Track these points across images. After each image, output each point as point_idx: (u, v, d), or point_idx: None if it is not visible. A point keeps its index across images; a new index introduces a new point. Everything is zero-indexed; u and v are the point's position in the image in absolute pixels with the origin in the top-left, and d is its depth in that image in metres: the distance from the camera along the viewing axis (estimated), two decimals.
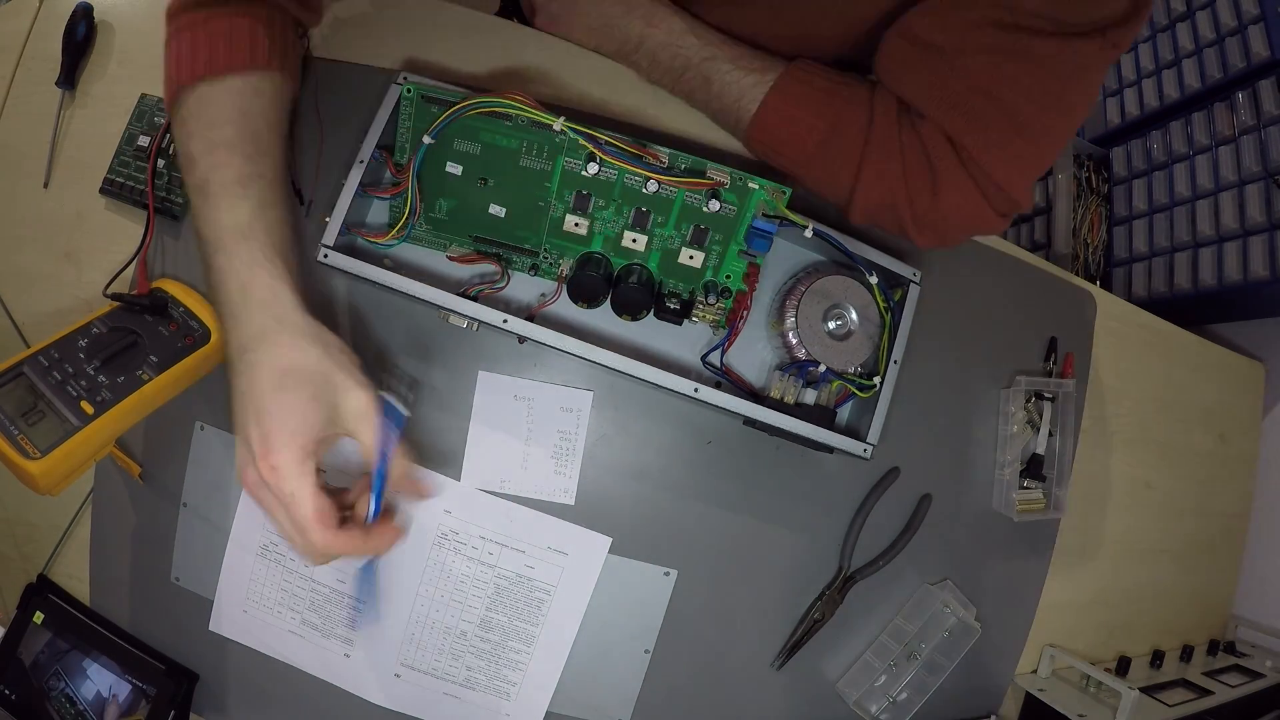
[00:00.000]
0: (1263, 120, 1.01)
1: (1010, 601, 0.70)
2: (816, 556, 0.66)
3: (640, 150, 0.52)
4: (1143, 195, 1.19)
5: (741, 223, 0.55)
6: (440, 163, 0.55)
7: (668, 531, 0.64)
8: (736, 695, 0.66)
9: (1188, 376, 0.78)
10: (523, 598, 0.63)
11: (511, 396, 0.63)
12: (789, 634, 0.66)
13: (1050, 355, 0.71)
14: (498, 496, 0.63)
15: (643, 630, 0.64)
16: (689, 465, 0.64)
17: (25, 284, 0.65)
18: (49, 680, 0.63)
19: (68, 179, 0.65)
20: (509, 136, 0.53)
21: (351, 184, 0.54)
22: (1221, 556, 0.80)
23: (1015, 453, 0.68)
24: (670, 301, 0.59)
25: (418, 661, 0.64)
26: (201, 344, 0.58)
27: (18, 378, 0.51)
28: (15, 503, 0.66)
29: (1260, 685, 0.71)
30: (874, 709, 0.65)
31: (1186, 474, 0.78)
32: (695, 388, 0.55)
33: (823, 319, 0.59)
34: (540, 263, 0.59)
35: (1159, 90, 1.20)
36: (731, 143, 0.66)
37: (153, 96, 0.63)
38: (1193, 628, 0.79)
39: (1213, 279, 1.02)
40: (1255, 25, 1.05)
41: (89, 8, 0.65)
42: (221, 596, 0.64)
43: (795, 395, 0.58)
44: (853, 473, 0.65)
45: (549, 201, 0.56)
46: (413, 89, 0.53)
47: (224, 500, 0.63)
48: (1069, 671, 0.72)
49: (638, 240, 0.56)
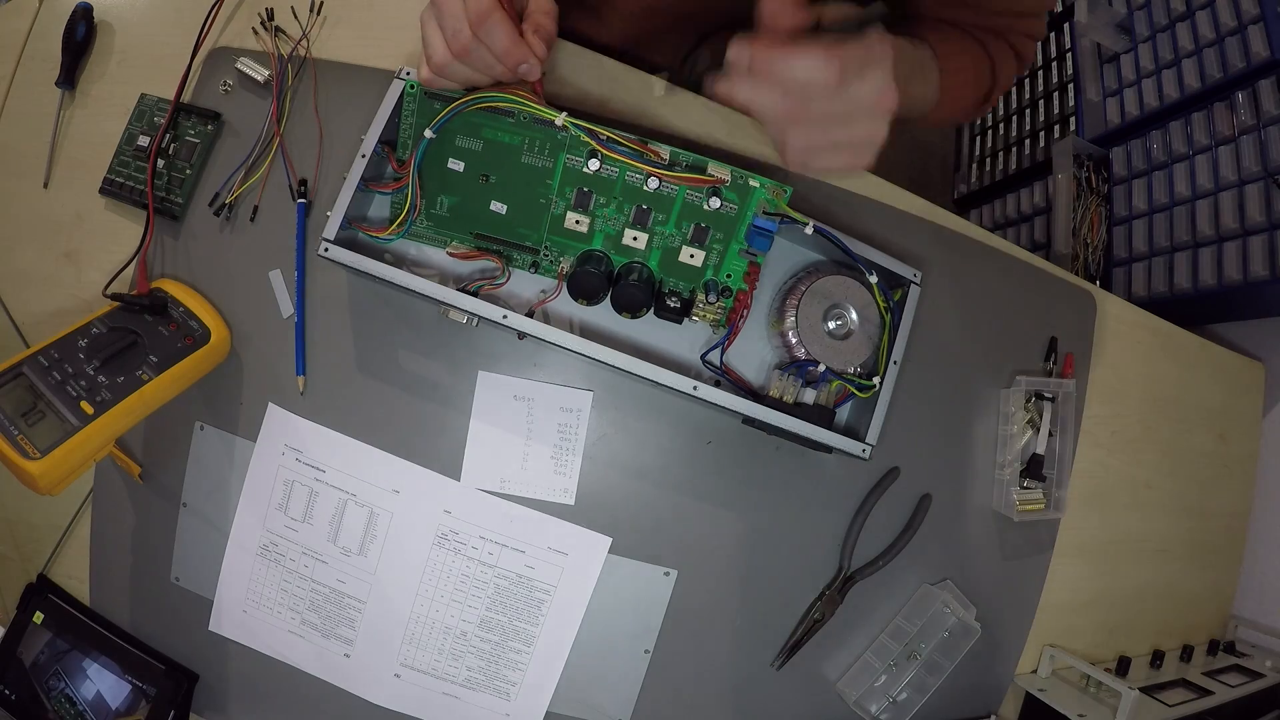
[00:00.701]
0: (1262, 120, 1.01)
1: (1010, 601, 0.70)
2: (816, 556, 0.66)
3: (641, 147, 0.53)
4: (1143, 195, 1.19)
5: (742, 221, 0.55)
6: (442, 159, 0.55)
7: (668, 531, 0.64)
8: (736, 695, 0.66)
9: (1188, 376, 0.78)
10: (523, 598, 0.63)
11: (511, 396, 0.63)
12: (789, 634, 0.66)
13: (1050, 355, 0.71)
14: (498, 496, 0.63)
15: (643, 630, 0.64)
16: (689, 465, 0.64)
17: (25, 284, 0.65)
18: (49, 680, 0.63)
19: (67, 179, 0.65)
20: (511, 133, 0.53)
21: (353, 178, 0.54)
22: (1221, 556, 0.80)
23: (1015, 453, 0.68)
24: (670, 300, 0.59)
25: (417, 661, 0.64)
26: (201, 344, 0.58)
27: (17, 378, 0.51)
28: (15, 503, 0.66)
29: (1260, 685, 0.71)
30: (874, 709, 0.65)
31: (1186, 474, 0.78)
32: (694, 385, 0.55)
33: (823, 319, 0.59)
34: (541, 260, 0.59)
35: (1159, 90, 1.20)
36: (732, 141, 0.66)
37: (152, 96, 0.63)
38: (1193, 628, 0.79)
39: (1213, 279, 1.02)
40: (1255, 25, 1.05)
41: (89, 8, 0.65)
42: (221, 596, 0.64)
43: (794, 395, 0.58)
44: (853, 473, 0.65)
45: (550, 198, 0.56)
46: (415, 84, 0.53)
47: (224, 500, 0.63)
48: (1069, 671, 0.72)
49: (638, 238, 0.56)
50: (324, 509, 0.62)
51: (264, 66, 0.63)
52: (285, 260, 0.62)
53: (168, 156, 0.62)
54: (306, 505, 0.62)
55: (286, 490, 0.62)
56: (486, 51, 0.48)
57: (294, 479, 0.62)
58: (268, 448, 0.62)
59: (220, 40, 0.65)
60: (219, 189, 0.63)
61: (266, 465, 0.62)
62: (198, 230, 0.63)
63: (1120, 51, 1.30)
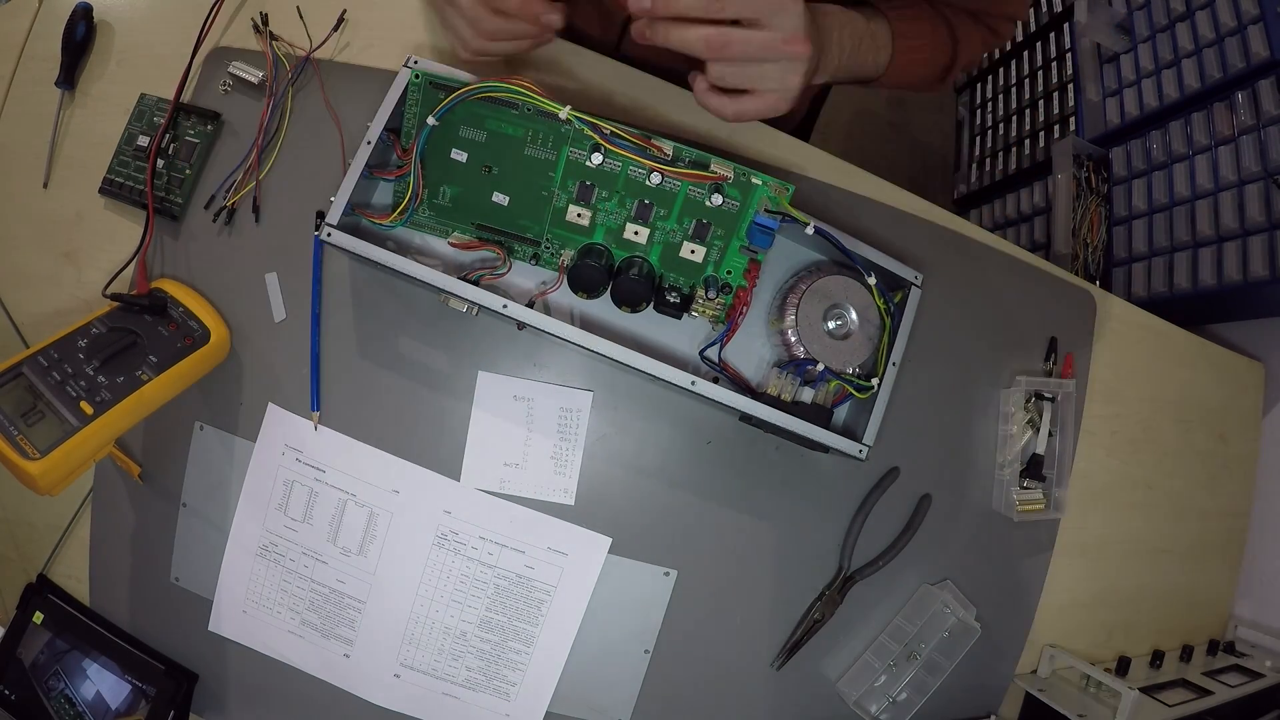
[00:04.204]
0: (1262, 120, 1.01)
1: (1010, 601, 0.70)
2: (816, 556, 0.66)
3: (645, 142, 0.53)
4: (1142, 195, 1.19)
5: (744, 218, 0.55)
6: (445, 149, 0.55)
7: (667, 532, 0.64)
8: (736, 695, 0.66)
9: (1188, 376, 0.78)
10: (523, 598, 0.63)
11: (511, 396, 0.63)
12: (789, 634, 0.66)
13: (1050, 355, 0.71)
14: (498, 496, 0.63)
15: (643, 630, 0.64)
16: (689, 465, 0.64)
17: (25, 284, 0.65)
18: (48, 680, 0.63)
19: (67, 179, 0.65)
20: (515, 125, 0.53)
21: (358, 164, 0.54)
22: (1221, 556, 0.80)
23: (1015, 453, 0.68)
24: (670, 295, 0.59)
25: (417, 662, 0.64)
26: (201, 344, 0.58)
27: (17, 378, 0.51)
28: (15, 503, 0.65)
29: (1260, 685, 0.71)
30: (874, 709, 0.65)
31: (1186, 474, 0.78)
32: (692, 380, 0.55)
33: (823, 318, 0.59)
34: (542, 252, 0.59)
35: (1159, 90, 1.20)
36: (735, 138, 0.66)
37: (152, 96, 0.63)
38: (1193, 628, 0.78)
39: (1213, 279, 1.02)
40: (1255, 25, 1.05)
41: (89, 8, 0.65)
42: (221, 597, 0.64)
43: (792, 393, 0.58)
44: (852, 473, 0.65)
45: (552, 191, 0.56)
46: (421, 74, 0.53)
47: (224, 500, 0.63)
48: (1069, 671, 0.71)
49: (639, 233, 0.56)
50: (324, 509, 0.62)
51: (259, 68, 0.63)
52: (285, 261, 0.62)
53: (167, 156, 0.62)
54: (306, 505, 0.62)
55: (286, 490, 0.62)
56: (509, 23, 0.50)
57: (294, 479, 0.62)
58: (267, 448, 0.62)
59: (221, 40, 0.65)
60: (215, 191, 0.63)
61: (266, 465, 0.62)
62: (197, 230, 0.63)
63: (1120, 51, 1.30)
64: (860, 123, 1.83)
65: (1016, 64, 1.56)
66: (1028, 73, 1.51)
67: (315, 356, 0.62)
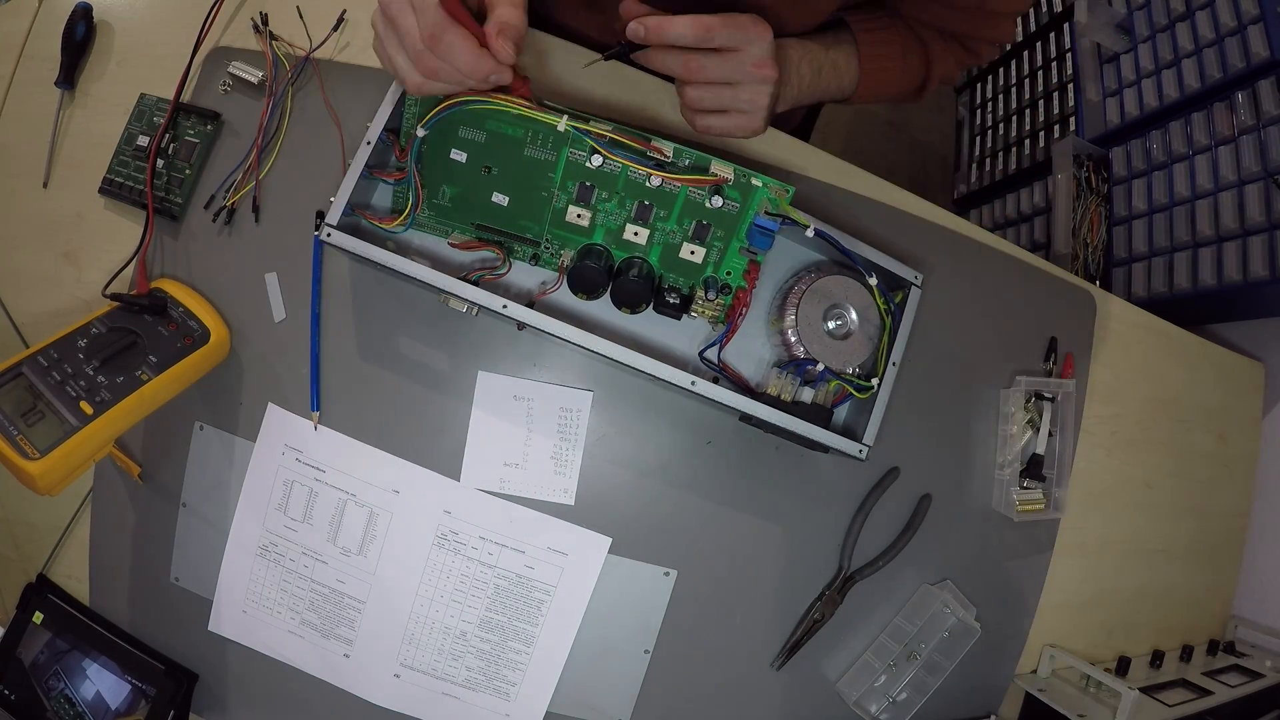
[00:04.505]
0: (1262, 120, 1.01)
1: (1010, 601, 0.70)
2: (816, 556, 0.66)
3: (644, 145, 0.52)
4: (1142, 195, 1.19)
5: (744, 220, 0.55)
6: (444, 150, 0.55)
7: (667, 531, 0.64)
8: (736, 695, 0.66)
9: (1188, 376, 0.78)
10: (522, 598, 0.63)
11: (511, 397, 0.63)
12: (789, 634, 0.66)
13: (1050, 355, 0.71)
14: (497, 496, 0.63)
15: (643, 630, 0.64)
16: (689, 465, 0.64)
17: (25, 284, 0.65)
18: (48, 680, 0.63)
19: (67, 179, 0.65)
20: (514, 126, 0.53)
21: (357, 165, 0.54)
22: (1221, 556, 0.80)
23: (1015, 453, 0.68)
24: (670, 295, 0.59)
25: (417, 662, 0.64)
26: (201, 344, 0.58)
27: (17, 378, 0.51)
28: (15, 503, 0.65)
29: (1260, 685, 0.71)
30: (874, 709, 0.65)
31: (1186, 474, 0.78)
32: (692, 380, 0.55)
33: (823, 318, 0.59)
34: (541, 253, 0.59)
35: (1159, 90, 1.20)
36: (734, 140, 0.66)
37: (152, 96, 0.63)
38: (1193, 628, 0.79)
39: (1213, 279, 1.02)
40: (1255, 25, 1.05)
41: (88, 8, 0.65)
42: (221, 597, 0.64)
43: (792, 393, 0.58)
44: (852, 473, 0.65)
45: (552, 192, 0.56)
46: None
47: (223, 500, 0.63)
48: (1069, 671, 0.72)
49: (639, 234, 0.56)
50: (324, 509, 0.62)
51: (259, 68, 0.63)
52: (285, 261, 0.62)
53: (167, 156, 0.62)
54: (306, 505, 0.62)
55: (286, 490, 0.62)
56: (452, 70, 0.47)
57: (294, 479, 0.62)
58: (267, 448, 0.62)
59: (221, 40, 0.65)
60: (215, 191, 0.63)
61: (266, 465, 0.62)
62: (197, 230, 0.63)
63: (1120, 51, 1.30)
64: (860, 123, 1.83)
65: (1016, 64, 1.56)
66: (1028, 73, 1.52)
67: (315, 356, 0.62)
